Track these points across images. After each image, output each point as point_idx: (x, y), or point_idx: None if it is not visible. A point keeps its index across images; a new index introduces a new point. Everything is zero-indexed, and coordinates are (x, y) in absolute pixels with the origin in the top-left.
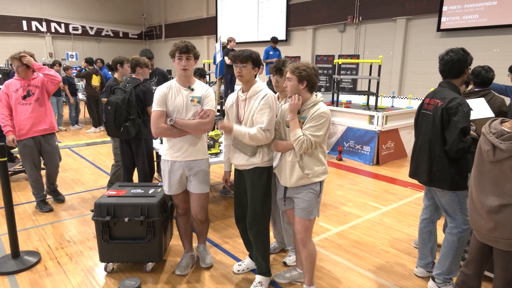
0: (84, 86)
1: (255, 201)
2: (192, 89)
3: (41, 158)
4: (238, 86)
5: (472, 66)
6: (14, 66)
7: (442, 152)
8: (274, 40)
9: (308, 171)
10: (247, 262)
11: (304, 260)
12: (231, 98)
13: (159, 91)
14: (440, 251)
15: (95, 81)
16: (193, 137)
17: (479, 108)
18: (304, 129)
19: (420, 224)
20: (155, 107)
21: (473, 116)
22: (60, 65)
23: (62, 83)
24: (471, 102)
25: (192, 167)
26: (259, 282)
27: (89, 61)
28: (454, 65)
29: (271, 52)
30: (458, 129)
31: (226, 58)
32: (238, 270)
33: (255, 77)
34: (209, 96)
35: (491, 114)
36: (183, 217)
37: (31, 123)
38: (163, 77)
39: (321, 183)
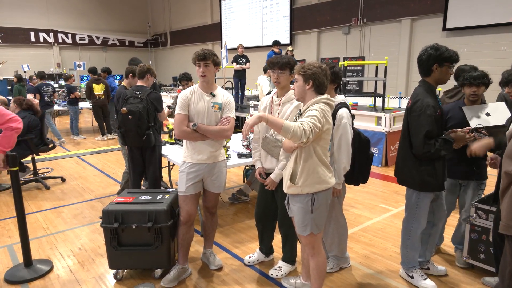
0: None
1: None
2: (214, 95)
3: None
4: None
5: (483, 64)
6: None
7: (411, 153)
8: (277, 43)
9: (298, 179)
10: (257, 254)
11: (311, 271)
12: (265, 100)
13: (183, 96)
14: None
15: (97, 90)
16: (213, 141)
17: (497, 114)
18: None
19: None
20: (178, 111)
21: (491, 122)
22: (43, 77)
23: (68, 92)
24: (491, 106)
25: (213, 169)
26: (279, 267)
27: (92, 71)
28: (421, 63)
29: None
30: (421, 133)
31: (235, 64)
32: (249, 262)
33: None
34: (230, 104)
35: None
36: (184, 226)
37: None
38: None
39: (314, 196)
